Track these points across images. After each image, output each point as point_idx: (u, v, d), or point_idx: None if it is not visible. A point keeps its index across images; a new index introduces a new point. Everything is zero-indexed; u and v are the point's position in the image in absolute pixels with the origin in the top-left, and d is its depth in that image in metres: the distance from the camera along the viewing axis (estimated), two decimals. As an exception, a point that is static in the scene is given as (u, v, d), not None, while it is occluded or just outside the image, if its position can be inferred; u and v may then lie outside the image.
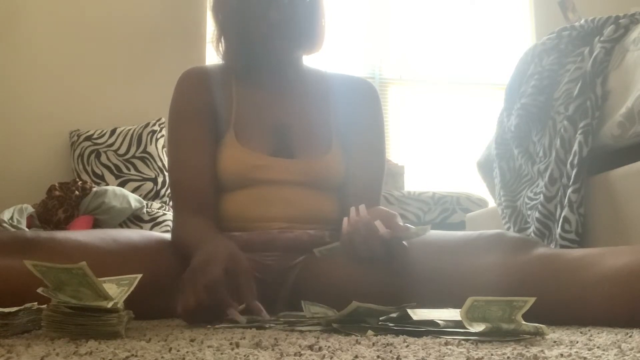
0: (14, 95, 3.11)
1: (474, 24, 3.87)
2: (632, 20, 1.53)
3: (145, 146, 2.96)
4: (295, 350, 0.61)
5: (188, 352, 0.59)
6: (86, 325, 0.70)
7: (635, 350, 0.59)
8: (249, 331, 0.79)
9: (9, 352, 0.58)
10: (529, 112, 1.69)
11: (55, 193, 2.44)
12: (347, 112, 1.32)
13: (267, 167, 1.22)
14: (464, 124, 3.71)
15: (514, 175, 1.82)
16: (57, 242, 1.03)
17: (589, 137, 1.45)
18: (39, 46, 3.17)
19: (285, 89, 1.31)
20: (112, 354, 0.57)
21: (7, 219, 2.31)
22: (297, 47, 1.27)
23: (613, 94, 1.45)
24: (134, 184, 2.86)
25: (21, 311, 0.77)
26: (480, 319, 0.71)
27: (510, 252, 0.97)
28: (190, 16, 3.34)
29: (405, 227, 1.01)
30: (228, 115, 1.26)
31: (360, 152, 1.30)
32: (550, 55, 1.69)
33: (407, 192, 3.02)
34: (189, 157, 1.23)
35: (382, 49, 3.76)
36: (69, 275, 0.72)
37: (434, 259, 1.03)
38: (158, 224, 2.52)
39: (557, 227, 1.50)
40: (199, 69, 1.32)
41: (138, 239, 1.15)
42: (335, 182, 1.27)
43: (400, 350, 0.61)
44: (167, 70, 2.58)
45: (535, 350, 0.59)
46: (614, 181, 1.43)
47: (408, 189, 3.13)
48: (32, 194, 2.73)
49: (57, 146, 3.10)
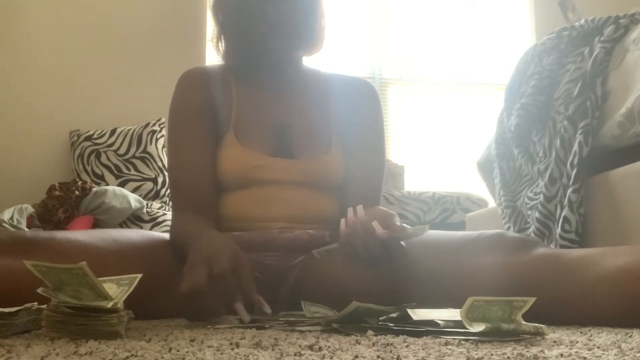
0: (14, 95, 3.11)
1: (474, 24, 3.87)
2: (632, 20, 1.53)
3: (145, 146, 2.96)
4: (295, 350, 0.61)
5: (188, 352, 0.59)
6: (86, 325, 0.70)
7: (635, 350, 0.59)
8: (249, 331, 0.79)
9: (9, 352, 0.58)
10: (529, 112, 1.69)
11: (55, 193, 2.44)
12: (347, 112, 1.32)
13: (267, 167, 1.22)
14: (464, 124, 3.71)
15: (514, 175, 1.82)
16: (57, 242, 1.03)
17: (589, 137, 1.45)
18: (39, 46, 3.17)
19: (285, 89, 1.31)
20: (112, 354, 0.57)
21: (7, 219, 2.31)
22: (296, 47, 1.27)
23: (613, 94, 1.45)
24: (134, 184, 2.86)
25: (21, 311, 0.77)
26: (480, 319, 0.71)
27: (510, 252, 0.97)
28: (190, 16, 3.34)
29: (403, 227, 1.01)
30: (228, 116, 1.26)
31: (360, 152, 1.30)
32: (550, 55, 1.69)
33: (407, 192, 3.02)
34: (189, 157, 1.23)
35: (382, 49, 3.76)
36: (69, 275, 0.72)
37: (433, 259, 1.03)
38: (158, 224, 2.52)
39: (557, 227, 1.50)
40: (199, 69, 1.32)
41: (138, 239, 1.15)
42: (335, 182, 1.27)
43: (400, 350, 0.61)
44: (167, 70, 2.58)
45: (535, 350, 0.59)
46: (614, 181, 1.42)
47: (408, 189, 3.13)
48: (32, 194, 2.73)
49: (57, 146, 3.10)
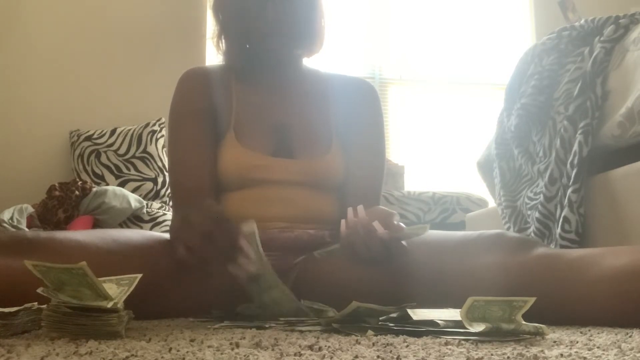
0: (14, 95, 3.11)
1: (474, 24, 3.87)
2: (632, 20, 1.53)
3: (145, 146, 2.96)
4: (295, 350, 0.61)
5: (188, 352, 0.59)
6: (86, 325, 0.70)
7: (635, 350, 0.59)
8: (249, 331, 0.79)
9: (9, 352, 0.58)
10: (529, 112, 1.69)
11: (55, 193, 2.44)
12: (347, 112, 1.32)
13: (267, 167, 1.22)
14: (464, 124, 3.71)
15: (514, 175, 1.82)
16: (57, 242, 1.03)
17: (589, 137, 1.45)
18: (39, 46, 3.17)
19: (285, 88, 1.31)
20: (112, 354, 0.57)
21: (7, 219, 2.31)
22: (296, 46, 1.27)
23: (613, 94, 1.45)
24: (134, 184, 2.86)
25: (21, 311, 0.77)
26: (480, 319, 0.71)
27: (510, 252, 0.97)
28: (190, 16, 3.34)
29: (401, 227, 1.01)
30: (228, 116, 1.26)
31: (360, 152, 1.30)
32: (550, 55, 1.69)
33: (407, 192, 3.02)
34: (189, 157, 1.23)
35: (382, 49, 3.76)
36: (69, 275, 0.72)
37: (434, 259, 1.03)
38: (158, 224, 2.52)
39: (557, 227, 1.49)
40: (199, 69, 1.32)
41: (138, 239, 1.15)
42: (335, 182, 1.27)
43: (400, 350, 0.61)
44: (167, 70, 2.58)
45: (535, 350, 0.59)
46: (614, 181, 1.42)
47: (408, 189, 3.13)
48: (32, 194, 2.73)
49: (57, 146, 3.10)
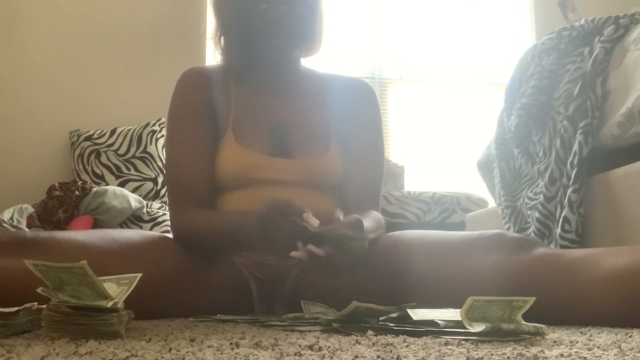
0: (14, 95, 3.11)
1: (474, 24, 3.87)
2: (632, 20, 1.53)
3: (145, 146, 2.95)
4: (295, 350, 0.61)
5: (188, 352, 0.59)
6: (86, 325, 0.70)
7: (635, 350, 0.59)
8: (249, 331, 0.79)
9: (9, 352, 0.58)
10: (529, 112, 1.69)
11: (55, 193, 2.44)
12: (345, 112, 1.32)
13: (266, 167, 1.22)
14: (464, 124, 3.71)
15: (514, 175, 1.82)
16: (57, 242, 1.03)
17: (589, 137, 1.45)
18: (39, 46, 3.17)
19: (284, 88, 1.31)
20: (112, 354, 0.57)
21: (7, 219, 2.31)
22: (294, 46, 1.27)
23: (613, 94, 1.45)
24: (134, 184, 2.86)
25: (21, 311, 0.77)
26: (480, 319, 0.71)
27: (510, 252, 0.97)
28: (190, 16, 3.34)
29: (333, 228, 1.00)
30: (227, 116, 1.26)
31: (359, 152, 1.30)
32: (550, 55, 1.69)
33: (407, 192, 3.02)
34: (187, 156, 1.23)
35: (381, 49, 3.76)
36: (69, 275, 0.72)
37: (434, 259, 1.03)
38: (158, 224, 2.52)
39: (557, 227, 1.49)
40: (199, 70, 1.32)
41: (138, 238, 1.15)
42: (334, 181, 1.27)
43: (400, 350, 0.61)
44: (167, 70, 2.57)
45: (535, 350, 0.59)
46: (614, 181, 1.42)
47: (408, 189, 3.13)
48: (32, 194, 2.73)
49: (57, 146, 3.09)
